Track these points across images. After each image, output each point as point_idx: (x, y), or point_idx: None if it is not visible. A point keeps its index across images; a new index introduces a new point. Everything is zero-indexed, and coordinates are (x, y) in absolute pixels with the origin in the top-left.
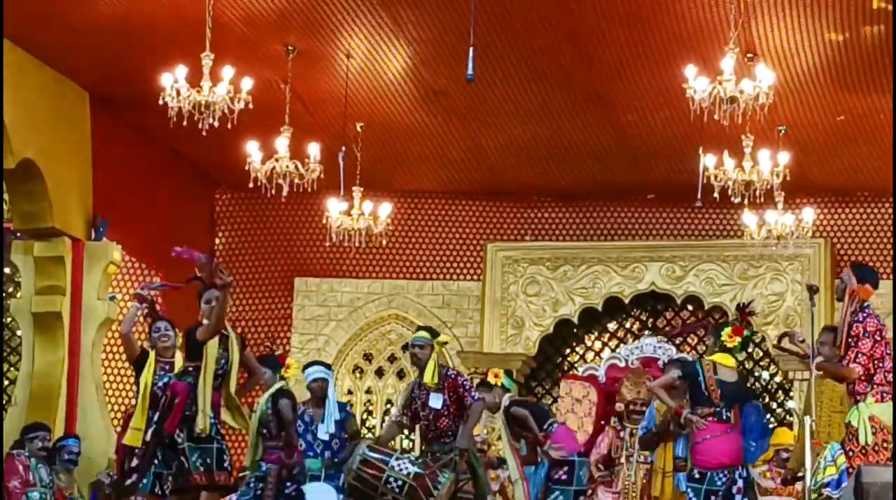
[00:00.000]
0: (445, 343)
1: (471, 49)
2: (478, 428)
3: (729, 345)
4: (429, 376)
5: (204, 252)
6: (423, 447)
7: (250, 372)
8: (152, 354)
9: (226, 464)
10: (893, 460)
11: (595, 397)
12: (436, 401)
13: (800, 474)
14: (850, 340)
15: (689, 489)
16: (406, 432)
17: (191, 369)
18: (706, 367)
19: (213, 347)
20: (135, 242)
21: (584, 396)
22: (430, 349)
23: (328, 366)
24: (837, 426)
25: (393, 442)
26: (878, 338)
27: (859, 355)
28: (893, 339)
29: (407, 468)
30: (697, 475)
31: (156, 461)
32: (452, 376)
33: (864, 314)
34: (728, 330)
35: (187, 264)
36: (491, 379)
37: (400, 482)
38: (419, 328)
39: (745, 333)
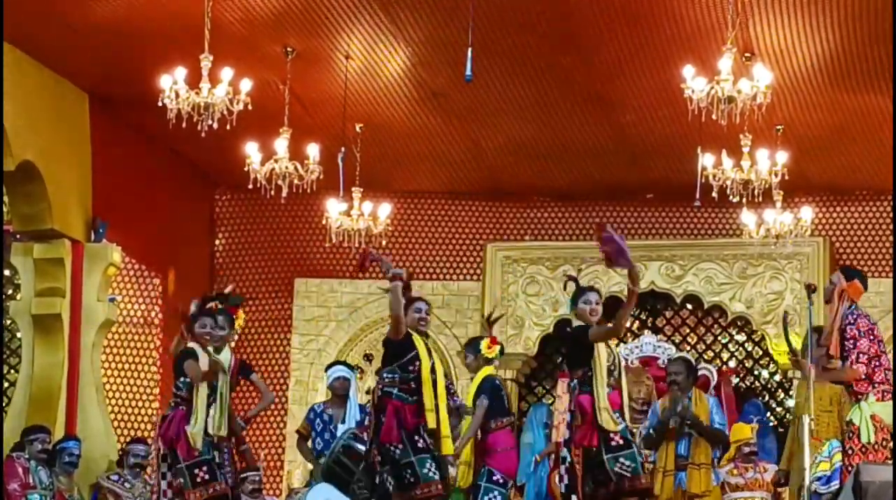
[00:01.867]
0: None
1: (469, 50)
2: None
3: (490, 356)
4: None
5: (203, 254)
6: None
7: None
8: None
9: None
10: (893, 458)
11: None
12: None
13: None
14: (846, 342)
15: (496, 493)
16: None
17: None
18: (504, 382)
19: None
20: (135, 243)
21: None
22: None
23: (350, 366)
24: (825, 426)
25: None
26: (872, 337)
27: (860, 355)
28: (894, 337)
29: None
30: (502, 480)
31: None
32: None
33: (855, 315)
34: (486, 342)
35: (187, 265)
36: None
37: None
38: None
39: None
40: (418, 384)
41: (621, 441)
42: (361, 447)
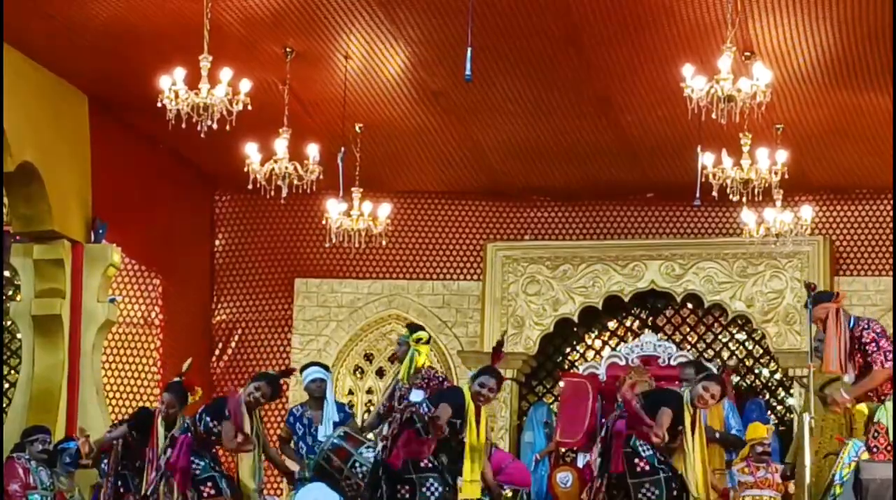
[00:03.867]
0: (420, 340)
1: (469, 49)
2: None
3: None
4: (402, 372)
5: (203, 255)
6: None
7: None
8: None
9: None
10: (893, 457)
11: (591, 394)
12: (416, 396)
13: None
14: (867, 346)
15: None
16: None
17: None
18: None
19: None
20: (134, 244)
21: (580, 392)
22: (406, 346)
23: (326, 367)
24: (831, 422)
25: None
26: (886, 336)
27: (888, 354)
28: (894, 335)
29: (374, 457)
30: (511, 493)
31: None
32: (440, 379)
33: (865, 321)
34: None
35: (187, 265)
36: None
37: (365, 468)
38: (406, 325)
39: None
40: (439, 442)
41: (647, 468)
42: (348, 446)
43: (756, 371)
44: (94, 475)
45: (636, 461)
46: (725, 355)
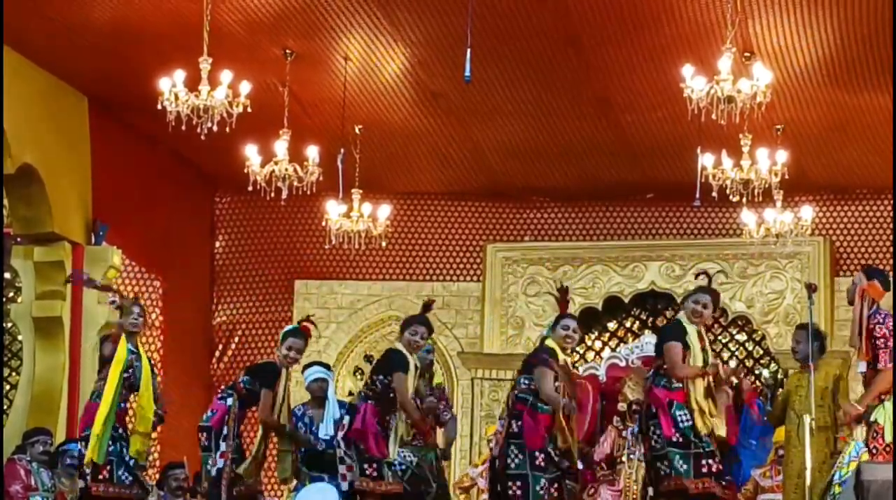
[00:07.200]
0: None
1: (468, 50)
2: (493, 427)
3: None
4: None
5: (204, 256)
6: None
7: None
8: None
9: None
10: (894, 458)
11: (591, 395)
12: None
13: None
14: (877, 341)
15: None
16: None
17: None
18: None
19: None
20: (135, 246)
21: (581, 394)
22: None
23: (327, 366)
24: (817, 420)
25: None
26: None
27: (892, 354)
28: (894, 334)
29: (410, 457)
30: None
31: None
32: (442, 387)
33: (883, 315)
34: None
35: (188, 267)
36: None
37: (404, 468)
38: None
39: None
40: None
41: (681, 439)
42: None
43: (756, 372)
44: None
45: (673, 430)
46: (725, 355)
